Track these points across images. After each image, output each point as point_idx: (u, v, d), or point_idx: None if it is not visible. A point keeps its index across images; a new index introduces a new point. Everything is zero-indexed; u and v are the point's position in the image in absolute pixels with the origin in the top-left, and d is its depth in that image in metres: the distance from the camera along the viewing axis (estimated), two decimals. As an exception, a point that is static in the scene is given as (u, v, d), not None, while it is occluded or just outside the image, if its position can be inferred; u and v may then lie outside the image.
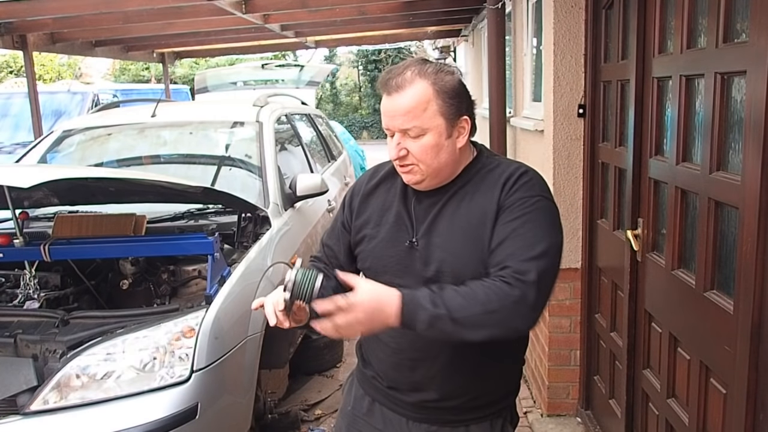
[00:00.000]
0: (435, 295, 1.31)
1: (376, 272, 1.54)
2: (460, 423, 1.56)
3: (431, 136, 1.42)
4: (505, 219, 1.41)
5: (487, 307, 1.30)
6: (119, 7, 4.80)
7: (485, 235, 1.42)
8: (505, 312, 1.31)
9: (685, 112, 2.00)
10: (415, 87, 1.40)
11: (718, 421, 1.82)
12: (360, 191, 1.64)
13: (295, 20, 5.99)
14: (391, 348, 1.57)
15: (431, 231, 1.48)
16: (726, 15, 1.73)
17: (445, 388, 1.53)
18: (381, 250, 1.53)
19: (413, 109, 1.40)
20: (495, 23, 4.08)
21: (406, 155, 1.43)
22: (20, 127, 7.80)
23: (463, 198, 1.48)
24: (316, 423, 3.43)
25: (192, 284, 3.00)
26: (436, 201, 1.50)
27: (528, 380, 3.78)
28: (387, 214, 1.55)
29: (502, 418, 1.60)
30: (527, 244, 1.37)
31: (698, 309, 1.91)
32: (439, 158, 1.44)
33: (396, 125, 1.42)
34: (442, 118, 1.42)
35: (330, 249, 1.67)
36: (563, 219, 3.03)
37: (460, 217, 1.46)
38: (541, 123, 3.24)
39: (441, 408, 1.56)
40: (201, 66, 19.24)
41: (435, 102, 1.41)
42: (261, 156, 3.63)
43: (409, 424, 1.60)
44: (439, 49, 10.86)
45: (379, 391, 1.65)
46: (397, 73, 1.43)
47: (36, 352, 2.43)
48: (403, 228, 1.51)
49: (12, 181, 2.36)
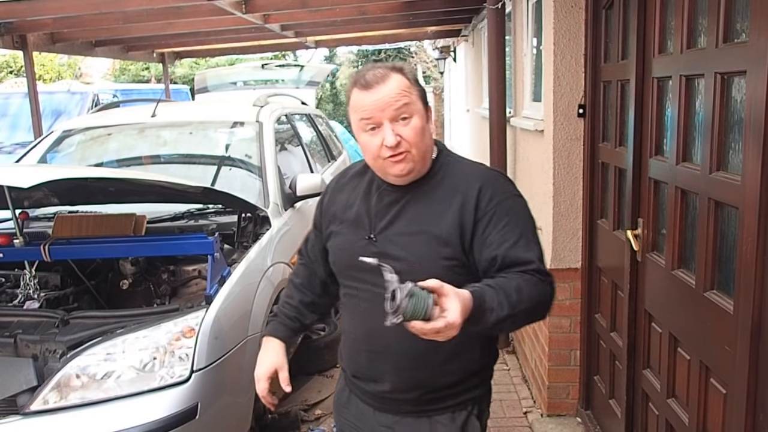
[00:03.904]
0: (496, 293, 1.35)
1: (341, 266, 1.65)
2: (422, 413, 1.62)
3: (417, 119, 1.50)
4: (495, 226, 1.49)
5: (537, 300, 1.42)
6: (119, 7, 4.80)
7: (451, 235, 1.49)
8: (545, 306, 1.47)
9: (685, 112, 2.00)
10: (395, 77, 1.49)
11: (718, 421, 1.82)
12: (329, 191, 1.75)
13: (295, 20, 5.99)
14: (351, 338, 1.69)
15: (390, 228, 1.55)
16: (726, 15, 1.73)
17: (398, 381, 1.60)
18: (344, 245, 1.63)
19: (402, 92, 1.48)
20: (495, 23, 4.08)
21: (400, 142, 1.48)
22: (19, 127, 7.80)
23: (424, 197, 1.54)
24: (316, 423, 3.43)
25: (192, 284, 3.00)
26: (398, 199, 1.56)
27: (528, 380, 3.78)
28: (349, 211, 1.63)
29: (467, 411, 1.64)
30: (528, 243, 1.48)
31: (698, 309, 1.91)
32: (425, 141, 1.52)
33: (386, 114, 1.47)
34: (420, 102, 1.52)
35: (311, 245, 1.81)
36: (563, 219, 3.07)
37: (420, 216, 1.53)
38: (541, 123, 3.24)
39: (397, 400, 1.63)
40: (201, 66, 19.23)
41: (413, 88, 1.51)
42: (261, 156, 3.63)
43: (375, 415, 1.68)
44: (439, 49, 10.86)
45: (350, 382, 1.75)
46: (370, 70, 1.52)
47: (36, 352, 2.43)
48: (362, 224, 1.59)
49: (12, 181, 2.36)
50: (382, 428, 1.67)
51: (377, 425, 1.68)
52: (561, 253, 3.11)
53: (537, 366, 3.51)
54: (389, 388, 1.62)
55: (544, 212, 3.20)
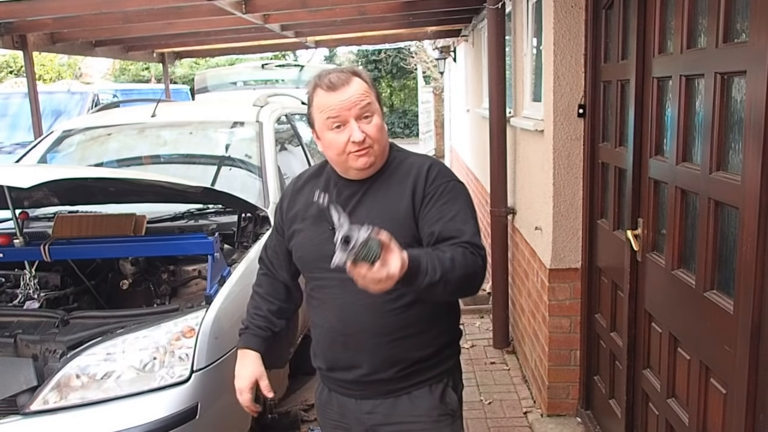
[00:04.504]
0: (430, 258, 1.45)
1: (307, 261, 1.76)
2: (401, 391, 1.72)
3: (377, 117, 1.64)
4: (435, 204, 1.63)
5: (467, 270, 1.51)
6: (119, 7, 4.79)
7: (406, 217, 1.63)
8: (477, 276, 1.56)
9: (685, 112, 2.00)
10: (356, 80, 1.63)
11: (718, 422, 1.82)
12: (288, 195, 1.86)
13: (295, 20, 5.98)
14: (324, 330, 1.76)
15: (351, 218, 1.61)
16: (726, 15, 1.73)
17: (374, 362, 1.69)
18: (308, 240, 1.73)
19: (365, 92, 1.62)
20: (495, 23, 4.07)
21: (365, 138, 1.60)
22: (18, 127, 7.80)
23: (380, 187, 1.68)
24: (316, 423, 3.43)
25: (192, 284, 3.00)
26: (355, 191, 1.69)
27: (528, 380, 3.78)
28: (310, 208, 1.74)
29: (443, 384, 1.75)
30: (465, 219, 1.61)
31: (698, 309, 1.91)
32: (384, 137, 1.67)
33: (352, 113, 1.60)
34: (377, 103, 1.66)
35: (273, 251, 1.91)
36: (563, 219, 3.07)
37: (379, 204, 1.66)
38: (541, 123, 3.24)
39: (376, 381, 1.71)
40: (201, 66, 19.22)
41: (371, 90, 1.65)
42: (261, 156, 3.62)
43: (359, 404, 1.76)
44: (439, 49, 10.85)
45: (327, 379, 1.83)
46: (332, 73, 1.64)
47: (36, 352, 2.43)
48: (324, 217, 1.68)
49: (12, 181, 2.36)
50: (365, 416, 1.75)
51: (360, 414, 1.76)
52: (561, 253, 3.11)
53: (537, 366, 3.51)
54: (367, 370, 1.70)
55: (544, 212, 3.20)
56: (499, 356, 4.23)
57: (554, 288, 3.16)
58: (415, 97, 21.16)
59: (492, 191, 4.20)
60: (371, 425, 1.76)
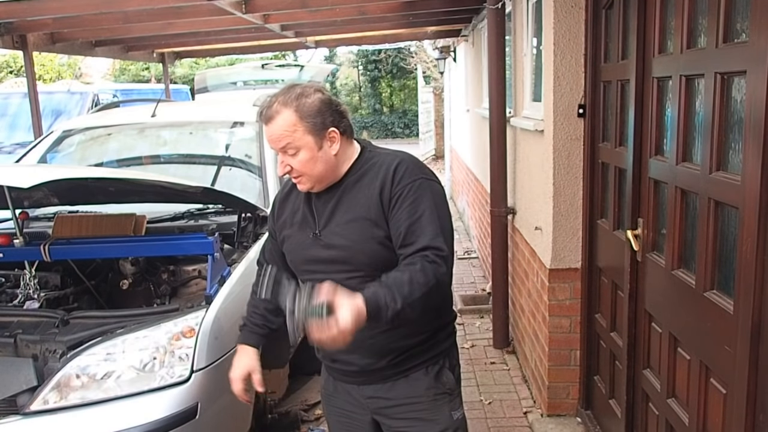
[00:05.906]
0: (388, 290, 1.52)
1: (297, 263, 1.85)
2: (399, 375, 1.81)
3: (305, 152, 1.68)
4: (401, 205, 1.67)
5: (428, 286, 1.57)
6: (119, 7, 4.79)
7: (378, 216, 1.69)
8: (441, 285, 1.63)
9: (685, 112, 2.01)
10: (282, 116, 1.67)
11: (718, 422, 1.82)
12: (277, 203, 1.95)
13: (295, 20, 5.98)
14: None
15: (331, 221, 1.76)
16: (726, 15, 1.73)
17: (371, 353, 1.78)
18: (296, 245, 1.83)
19: (283, 134, 1.67)
20: (495, 23, 4.07)
21: (291, 170, 1.71)
22: (19, 127, 7.79)
23: (353, 190, 1.75)
24: (316, 423, 3.44)
25: (192, 284, 3.00)
26: (332, 196, 1.77)
27: (528, 380, 3.78)
28: (296, 214, 1.85)
29: (439, 365, 1.83)
30: (430, 219, 1.65)
31: (698, 309, 1.91)
32: (317, 167, 1.71)
33: (277, 147, 1.70)
34: (309, 135, 1.68)
35: (269, 254, 1.99)
36: (563, 219, 3.07)
37: (352, 206, 1.73)
38: (541, 123, 3.24)
39: (373, 370, 1.81)
40: (201, 66, 19.23)
41: (300, 125, 1.67)
42: (261, 156, 3.62)
43: (361, 389, 1.86)
44: (439, 49, 10.84)
45: (331, 369, 1.93)
46: (267, 105, 1.71)
47: (36, 352, 2.43)
48: (307, 223, 1.80)
49: (12, 181, 2.36)
50: (367, 400, 1.86)
51: (362, 399, 1.87)
52: (561, 253, 3.11)
53: (537, 366, 3.51)
54: (366, 361, 1.80)
55: (544, 212, 3.20)
56: (499, 356, 4.23)
57: (554, 288, 3.16)
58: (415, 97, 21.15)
59: (492, 191, 4.20)
60: (374, 408, 1.86)
